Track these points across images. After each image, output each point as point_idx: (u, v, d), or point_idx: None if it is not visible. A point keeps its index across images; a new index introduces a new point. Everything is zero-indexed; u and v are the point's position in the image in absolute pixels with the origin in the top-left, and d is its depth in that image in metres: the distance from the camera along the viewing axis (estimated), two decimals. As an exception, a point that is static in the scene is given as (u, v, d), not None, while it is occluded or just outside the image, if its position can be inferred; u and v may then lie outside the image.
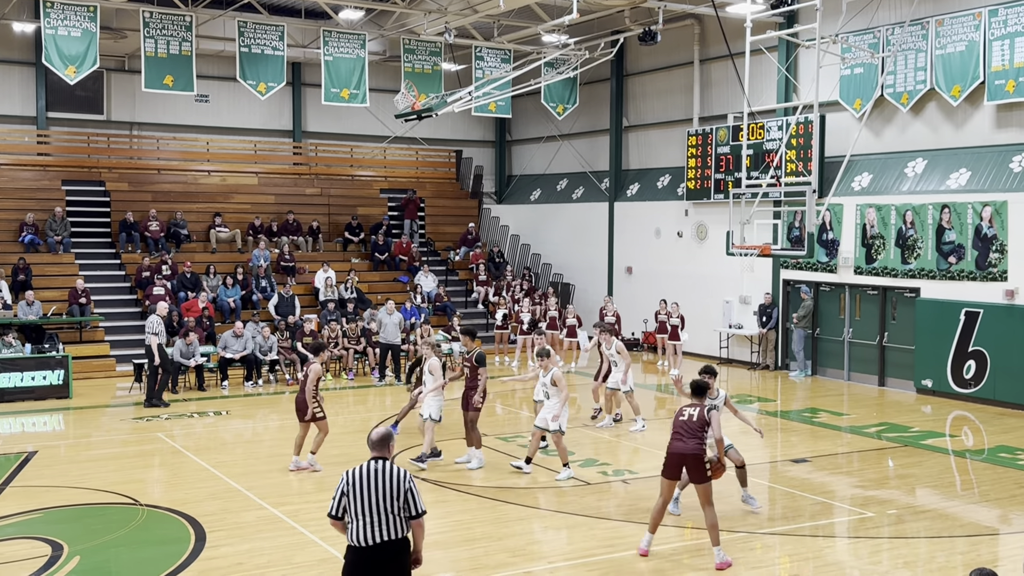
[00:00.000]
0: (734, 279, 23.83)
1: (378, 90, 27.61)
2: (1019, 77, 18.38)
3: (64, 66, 20.96)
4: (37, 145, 27.57)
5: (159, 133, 28.81)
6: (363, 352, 22.54)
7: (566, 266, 29.78)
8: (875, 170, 21.29)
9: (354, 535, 6.77)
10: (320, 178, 30.46)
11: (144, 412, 18.02)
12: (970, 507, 12.09)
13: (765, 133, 23.00)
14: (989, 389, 18.72)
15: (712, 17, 21.80)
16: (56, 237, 24.88)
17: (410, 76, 24.07)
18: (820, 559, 10.15)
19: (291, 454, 13.58)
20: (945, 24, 19.57)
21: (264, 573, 9.49)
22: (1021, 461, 14.39)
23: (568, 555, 10.16)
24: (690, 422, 9.85)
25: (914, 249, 20.17)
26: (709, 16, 23.02)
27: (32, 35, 25.41)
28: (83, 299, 22.41)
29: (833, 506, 12.15)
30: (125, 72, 28.14)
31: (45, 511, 11.67)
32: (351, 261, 27.52)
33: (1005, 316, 18.47)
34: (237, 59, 22.77)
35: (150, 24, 21.83)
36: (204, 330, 21.72)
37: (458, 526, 11.15)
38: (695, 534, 10.72)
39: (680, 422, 9.90)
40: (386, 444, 7.07)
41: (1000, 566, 9.06)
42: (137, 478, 13.22)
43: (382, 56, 28.51)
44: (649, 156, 27.86)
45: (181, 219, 26.67)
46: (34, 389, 19.18)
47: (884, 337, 21.06)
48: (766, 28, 20.97)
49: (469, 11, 22.77)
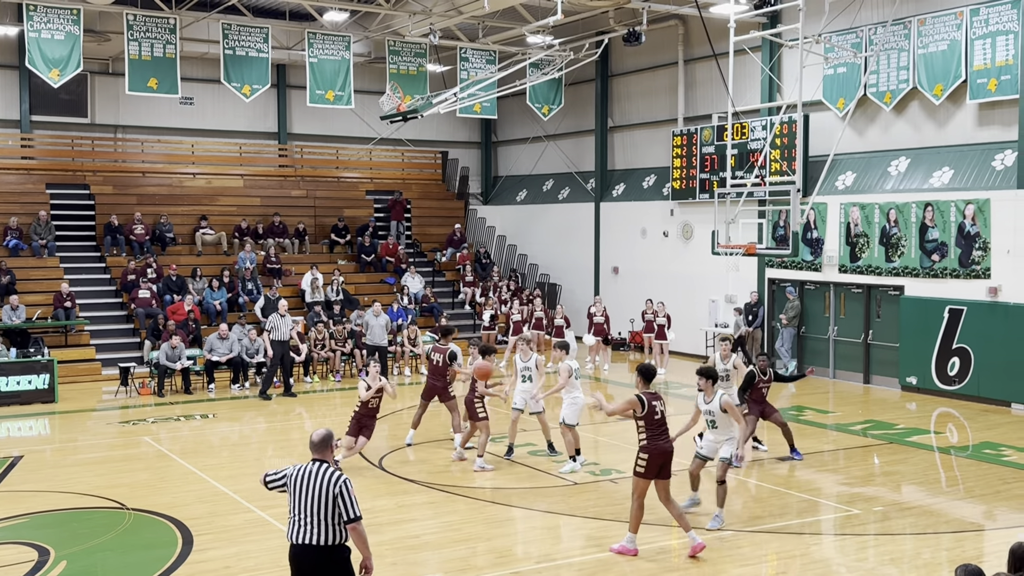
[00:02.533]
0: (720, 278, 23.90)
1: (363, 92, 27.59)
2: (1001, 76, 18.48)
3: (48, 69, 20.87)
4: (21, 149, 27.42)
5: (143, 136, 28.70)
6: (350, 354, 22.51)
7: (552, 266, 29.80)
8: (859, 169, 21.38)
9: (288, 532, 6.88)
10: (306, 180, 30.40)
11: (130, 416, 17.95)
12: (955, 503, 12.15)
13: (749, 133, 23.07)
14: (973, 386, 18.82)
15: (696, 18, 21.83)
16: (40, 241, 24.74)
17: (395, 78, 24.06)
18: (807, 556, 10.18)
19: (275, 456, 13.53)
20: (927, 23, 19.67)
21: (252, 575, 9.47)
22: (1005, 457, 14.48)
23: (556, 555, 10.16)
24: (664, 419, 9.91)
25: (898, 247, 20.26)
26: (693, 17, 23.07)
27: (15, 38, 25.29)
28: (68, 303, 22.29)
29: (819, 503, 12.19)
30: (109, 75, 28.03)
31: (31, 516, 11.61)
32: (337, 263, 27.46)
33: (988, 313, 18.57)
34: (222, 61, 22.71)
35: (134, 27, 21.74)
36: (190, 333, 21.65)
37: (447, 527, 11.15)
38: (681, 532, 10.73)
39: (658, 421, 9.86)
40: (327, 445, 7.06)
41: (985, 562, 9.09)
42: (124, 482, 13.15)
43: (367, 58, 28.47)
44: (634, 156, 27.91)
45: (166, 222, 26.57)
46: (20, 393, 19.07)
47: (869, 335, 21.15)
48: (749, 28, 21.05)
49: (454, 12, 22.76)
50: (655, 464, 9.79)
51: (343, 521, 6.80)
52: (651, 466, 9.79)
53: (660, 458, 9.80)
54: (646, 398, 9.86)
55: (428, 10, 22.89)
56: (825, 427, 16.78)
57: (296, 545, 6.84)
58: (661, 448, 9.81)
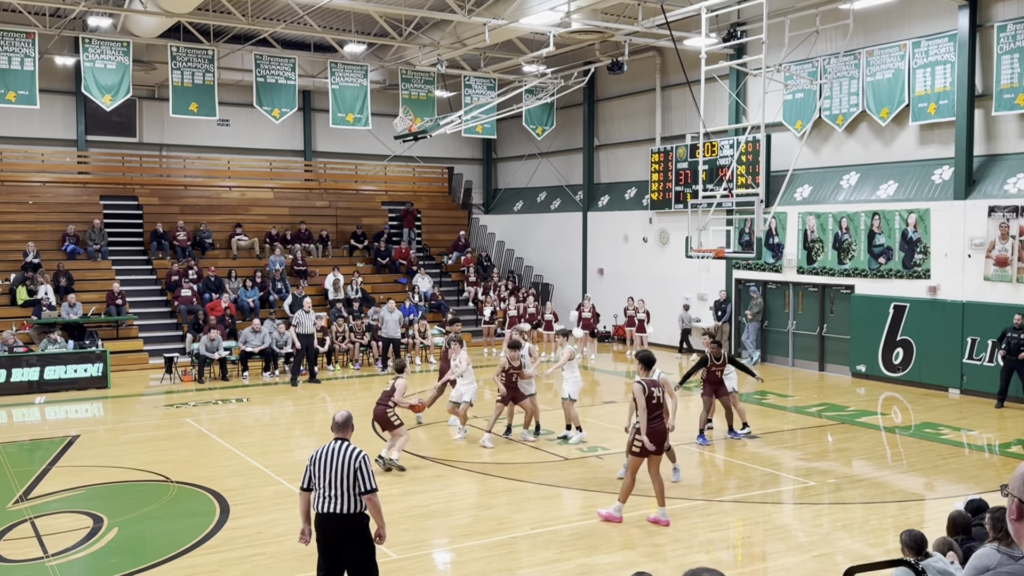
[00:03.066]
0: (692, 278, 23.91)
1: (379, 114, 27.53)
2: (939, 101, 18.50)
3: (101, 95, 20.85)
4: (78, 165, 27.38)
5: (185, 153, 28.67)
6: (367, 345, 22.50)
7: (545, 268, 29.79)
8: (814, 182, 21.38)
9: (314, 502, 6.89)
10: (328, 192, 30.38)
11: (174, 400, 17.95)
12: (899, 476, 12.16)
13: (719, 151, 23.06)
14: (915, 373, 18.84)
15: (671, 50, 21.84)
16: (95, 246, 24.72)
17: (407, 102, 24.03)
18: (769, 523, 10.20)
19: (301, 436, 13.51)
20: (875, 55, 19.68)
21: (280, 541, 9.46)
22: (943, 436, 14.50)
23: (548, 522, 10.16)
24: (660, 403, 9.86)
25: (849, 251, 20.27)
26: (669, 49, 23.07)
27: (72, 68, 25.25)
28: (119, 301, 22.28)
29: (780, 476, 12.19)
30: (155, 100, 27.99)
31: (87, 488, 11.62)
32: (356, 265, 27.44)
33: (928, 309, 18.59)
34: (254, 88, 22.69)
35: (177, 57, 21.73)
36: (226, 327, 21.64)
37: (452, 497, 11.15)
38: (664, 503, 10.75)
39: (655, 405, 9.79)
40: (348, 426, 7.10)
41: (926, 527, 9.10)
42: (168, 458, 13.16)
43: (382, 84, 28.45)
44: (618, 171, 27.90)
45: (205, 229, 26.54)
46: (77, 380, 19.09)
47: (823, 328, 21.16)
48: (719, 59, 21.04)
49: (459, 44, 22.75)
50: (656, 441, 9.75)
51: (361, 492, 6.80)
52: (653, 442, 9.73)
53: (655, 438, 9.78)
54: (646, 384, 9.85)
55: (436, 43, 22.88)
56: (785, 409, 16.79)
57: (321, 514, 6.84)
58: (656, 429, 9.80)
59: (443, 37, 22.95)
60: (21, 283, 22.23)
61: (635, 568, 8.39)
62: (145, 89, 27.64)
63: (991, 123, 18.07)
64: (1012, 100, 17.27)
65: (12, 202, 25.38)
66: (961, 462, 12.87)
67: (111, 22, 21.51)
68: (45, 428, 15.99)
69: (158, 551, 9.21)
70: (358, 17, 23.10)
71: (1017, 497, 2.76)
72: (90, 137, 27.33)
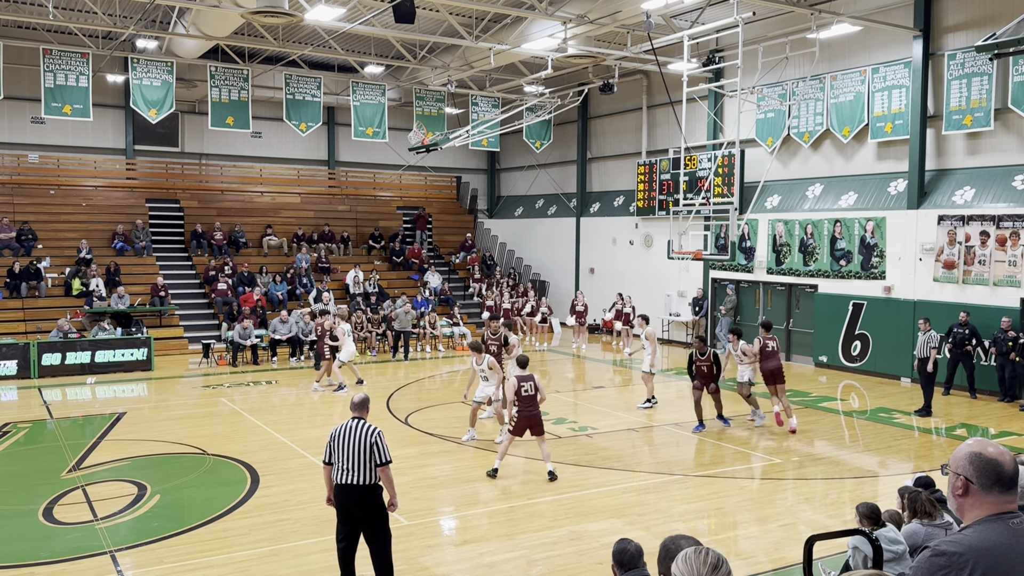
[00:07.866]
0: (673, 277, 23.88)
1: (395, 128, 27.54)
2: (895, 120, 18.47)
3: (147, 109, 20.82)
4: (126, 171, 27.36)
5: (222, 162, 28.64)
6: (383, 335, 22.49)
7: (543, 267, 29.77)
8: (783, 193, 21.36)
9: (334, 474, 6.89)
10: (349, 198, 30.34)
11: (210, 381, 17.95)
12: (856, 455, 12.16)
13: (698, 163, 23.03)
14: (871, 363, 18.83)
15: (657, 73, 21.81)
16: (140, 243, 24.70)
17: (420, 118, 24.01)
18: (740, 495, 10.19)
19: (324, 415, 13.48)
20: (838, 79, 19.64)
21: (305, 507, 9.47)
22: (896, 420, 14.49)
23: (545, 492, 10.17)
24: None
25: (813, 254, 20.25)
26: (654, 72, 23.04)
27: (122, 85, 25.22)
28: (162, 293, 22.27)
29: (750, 454, 12.20)
30: (196, 114, 27.95)
31: (132, 459, 11.63)
32: (374, 263, 27.41)
33: (883, 307, 18.58)
34: (284, 104, 22.66)
35: (215, 76, 21.70)
36: (258, 317, 21.63)
37: (459, 470, 11.15)
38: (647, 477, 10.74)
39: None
40: (364, 406, 7.09)
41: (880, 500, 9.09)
42: (205, 433, 13.17)
43: (398, 102, 28.41)
44: (607, 181, 27.87)
45: (240, 230, 26.52)
46: (124, 363, 19.10)
47: (790, 323, 21.14)
48: (699, 82, 21.02)
49: (466, 67, 22.72)
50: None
51: (376, 465, 6.80)
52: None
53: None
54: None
55: (446, 65, 22.85)
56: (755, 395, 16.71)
57: (340, 484, 6.83)
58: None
59: (453, 60, 22.92)
60: (75, 276, 22.23)
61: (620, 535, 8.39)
62: (187, 104, 27.61)
63: (941, 141, 18.04)
64: (960, 121, 17.25)
65: (67, 204, 25.38)
66: (911, 443, 12.87)
67: (157, 44, 21.47)
68: (95, 406, 15.98)
69: (195, 516, 9.22)
70: (377, 42, 23.08)
71: (962, 475, 2.76)
72: (137, 147, 27.30)
